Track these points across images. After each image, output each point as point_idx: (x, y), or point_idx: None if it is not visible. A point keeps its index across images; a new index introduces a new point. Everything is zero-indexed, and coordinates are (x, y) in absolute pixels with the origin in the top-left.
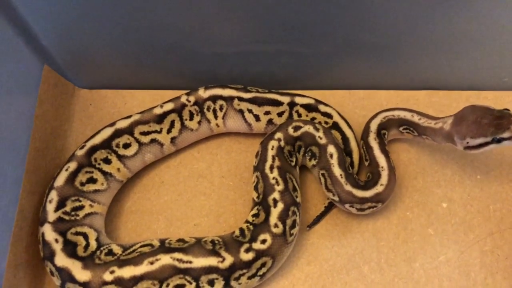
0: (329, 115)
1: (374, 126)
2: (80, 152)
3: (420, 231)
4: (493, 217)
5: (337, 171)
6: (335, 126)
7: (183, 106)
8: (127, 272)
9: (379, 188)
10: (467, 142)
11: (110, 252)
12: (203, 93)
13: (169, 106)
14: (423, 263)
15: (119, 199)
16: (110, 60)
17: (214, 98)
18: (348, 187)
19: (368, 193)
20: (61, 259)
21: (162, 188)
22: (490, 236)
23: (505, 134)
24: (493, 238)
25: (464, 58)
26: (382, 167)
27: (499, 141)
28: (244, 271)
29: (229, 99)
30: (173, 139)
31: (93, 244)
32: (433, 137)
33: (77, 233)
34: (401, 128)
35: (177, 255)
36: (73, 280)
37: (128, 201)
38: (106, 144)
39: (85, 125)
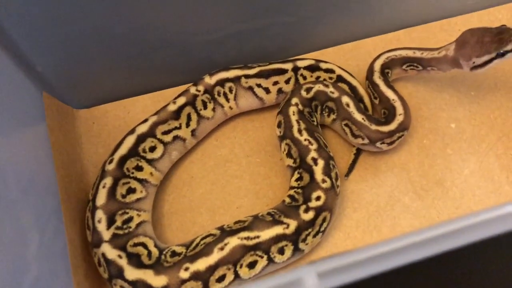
0: (331, 71)
1: (377, 66)
2: (111, 166)
3: (440, 153)
4: (495, 124)
5: (358, 116)
6: (340, 78)
7: (195, 97)
8: (202, 264)
9: (399, 118)
10: (473, 62)
11: (174, 253)
12: (209, 80)
13: (182, 100)
14: (453, 181)
15: (156, 205)
16: (104, 74)
17: (221, 82)
18: (374, 127)
19: (393, 125)
20: (131, 273)
21: (194, 182)
22: (499, 140)
23: (508, 47)
24: (502, 141)
25: None
26: (393, 99)
27: (503, 54)
28: (309, 230)
29: (236, 80)
30: (193, 132)
31: (155, 251)
32: (439, 66)
33: (135, 245)
34: (404, 66)
35: (243, 234)
36: None
37: (165, 204)
38: (133, 152)
39: (95, 144)
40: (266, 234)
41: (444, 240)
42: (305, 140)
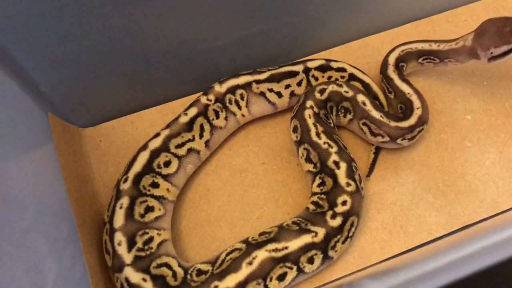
0: (343, 69)
1: (392, 59)
2: (126, 185)
3: (459, 147)
4: (511, 112)
5: (376, 114)
6: (352, 77)
7: (206, 106)
8: (231, 281)
9: (418, 112)
10: (491, 53)
11: (200, 272)
12: (220, 88)
13: (193, 111)
14: (474, 173)
15: (173, 221)
16: (108, 89)
17: (232, 90)
18: (393, 123)
19: (412, 120)
20: None
21: (210, 195)
22: None
23: None
24: None
25: None
26: (408, 93)
27: None
28: (338, 236)
29: (247, 86)
30: (206, 143)
31: (179, 271)
32: (456, 58)
33: (159, 266)
34: (420, 59)
35: (271, 246)
36: None
37: (183, 220)
38: (148, 169)
39: (105, 163)
40: (295, 244)
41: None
42: (324, 143)
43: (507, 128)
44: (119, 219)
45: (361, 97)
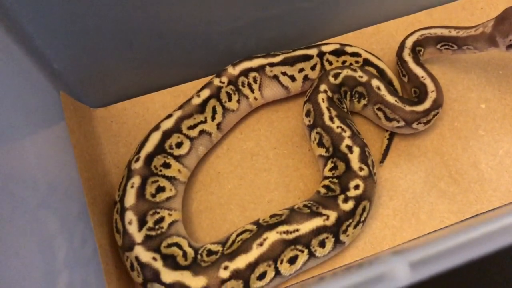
0: (357, 54)
1: (409, 42)
2: (137, 165)
3: (473, 135)
4: None
5: (391, 99)
6: (367, 62)
7: (219, 88)
8: (241, 262)
9: (432, 95)
10: (510, 40)
11: (211, 252)
12: (233, 70)
13: (206, 93)
14: (488, 162)
15: (184, 203)
16: (120, 70)
17: (245, 72)
18: (408, 108)
19: (427, 104)
20: (168, 275)
21: (221, 178)
22: None
23: None
24: None
25: None
26: (422, 77)
27: None
28: (350, 220)
29: (260, 69)
30: (218, 125)
31: (190, 251)
32: (475, 45)
33: (169, 245)
34: (439, 46)
35: (282, 228)
36: None
37: (193, 202)
38: (160, 149)
39: (115, 144)
40: (306, 226)
41: None
42: (337, 127)
43: None
44: (130, 198)
45: (375, 82)
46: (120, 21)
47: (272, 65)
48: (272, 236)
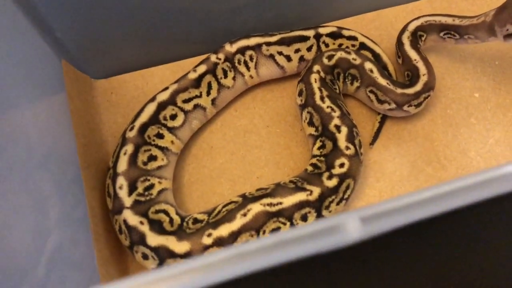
0: (354, 38)
1: (412, 26)
2: (132, 133)
3: (464, 123)
4: None
5: (383, 81)
6: (363, 46)
7: (215, 65)
8: (224, 230)
9: (423, 78)
10: (507, 30)
11: (197, 220)
12: (230, 47)
13: (202, 68)
14: (477, 150)
15: (176, 174)
16: (122, 43)
17: (242, 50)
18: (399, 90)
19: (418, 87)
20: (153, 239)
21: (214, 152)
22: None
23: None
24: None
25: None
26: (415, 60)
27: None
28: (333, 197)
29: (257, 47)
30: (213, 101)
31: (177, 218)
32: (476, 34)
33: (157, 211)
34: (442, 34)
35: (266, 200)
36: (172, 255)
37: (185, 174)
38: (154, 120)
39: (114, 114)
40: (289, 200)
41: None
42: (327, 107)
43: None
44: (122, 164)
45: (368, 65)
46: None
47: (268, 44)
48: (255, 208)
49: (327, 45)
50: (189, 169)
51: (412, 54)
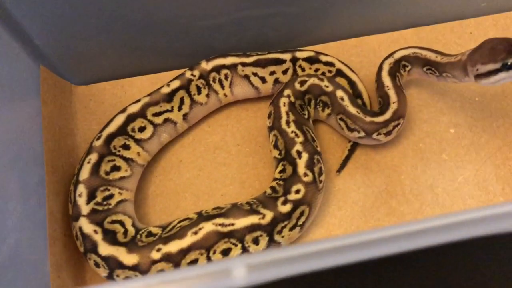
0: (331, 64)
1: (399, 54)
2: (98, 143)
3: (435, 158)
4: (498, 133)
5: (352, 109)
6: (339, 73)
7: (189, 81)
8: (174, 246)
9: (393, 106)
10: (477, 69)
11: (150, 234)
12: (206, 65)
13: (176, 83)
14: (445, 187)
15: (142, 185)
16: (103, 52)
17: (217, 69)
18: (368, 118)
19: (387, 115)
20: (104, 248)
21: (182, 166)
22: (498, 150)
23: None
24: (501, 151)
25: None
26: (387, 86)
27: (509, 68)
28: (286, 222)
29: (232, 67)
30: (185, 116)
31: (131, 230)
32: (453, 73)
33: (113, 222)
34: (425, 68)
35: (218, 220)
36: (121, 266)
37: (151, 185)
38: (122, 131)
39: (90, 121)
40: (241, 222)
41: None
42: (292, 132)
43: (490, 147)
44: (84, 172)
45: (340, 93)
46: (103, 4)
47: (244, 64)
48: (207, 227)
49: (303, 69)
50: (155, 181)
51: (386, 80)
